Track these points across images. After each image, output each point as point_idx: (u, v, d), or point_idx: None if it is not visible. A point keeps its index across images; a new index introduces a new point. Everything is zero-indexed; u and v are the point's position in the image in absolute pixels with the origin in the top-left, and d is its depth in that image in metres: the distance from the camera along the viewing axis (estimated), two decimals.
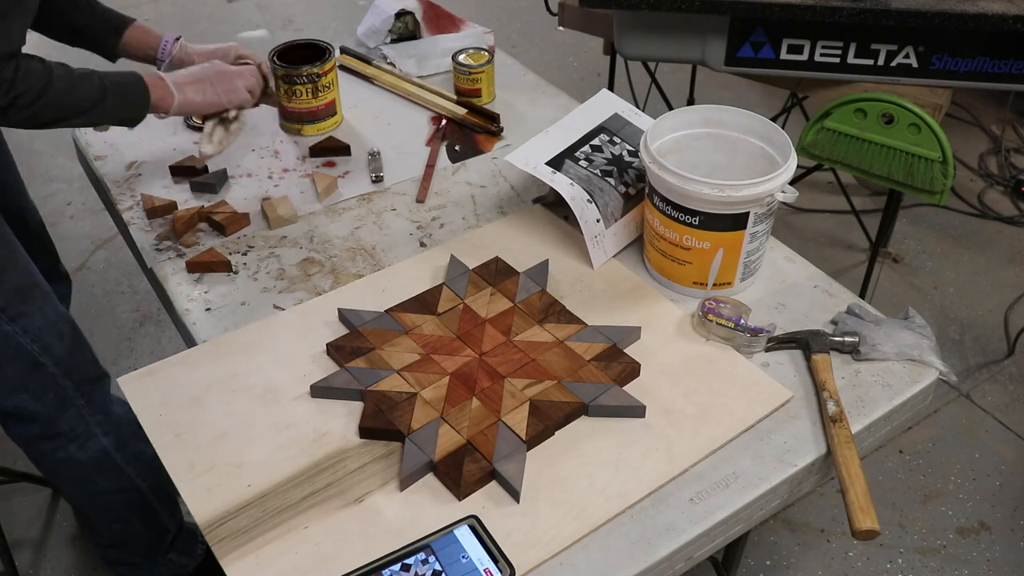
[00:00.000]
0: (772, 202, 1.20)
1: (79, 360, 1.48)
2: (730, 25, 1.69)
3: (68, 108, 1.25)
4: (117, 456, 1.54)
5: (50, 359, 1.41)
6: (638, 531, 0.99)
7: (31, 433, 1.48)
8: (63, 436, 1.48)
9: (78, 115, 1.27)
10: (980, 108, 3.13)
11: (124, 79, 1.33)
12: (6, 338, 1.36)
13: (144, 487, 1.60)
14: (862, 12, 1.58)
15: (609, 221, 1.33)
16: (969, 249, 2.64)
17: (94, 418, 1.50)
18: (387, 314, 1.22)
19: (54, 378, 1.43)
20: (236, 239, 1.41)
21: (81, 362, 1.48)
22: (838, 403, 1.10)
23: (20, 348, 1.38)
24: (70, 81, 1.24)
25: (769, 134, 1.28)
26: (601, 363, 1.15)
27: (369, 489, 1.03)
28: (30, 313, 1.38)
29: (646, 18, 1.71)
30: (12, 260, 1.37)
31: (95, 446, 1.51)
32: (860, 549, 1.86)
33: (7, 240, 1.37)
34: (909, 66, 1.68)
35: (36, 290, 1.40)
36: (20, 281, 1.37)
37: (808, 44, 1.68)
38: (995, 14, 1.54)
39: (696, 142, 1.33)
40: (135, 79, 1.34)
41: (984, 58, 1.64)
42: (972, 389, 2.22)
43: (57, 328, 1.43)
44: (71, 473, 1.54)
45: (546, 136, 1.39)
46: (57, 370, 1.43)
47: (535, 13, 2.91)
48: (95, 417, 1.50)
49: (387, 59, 1.85)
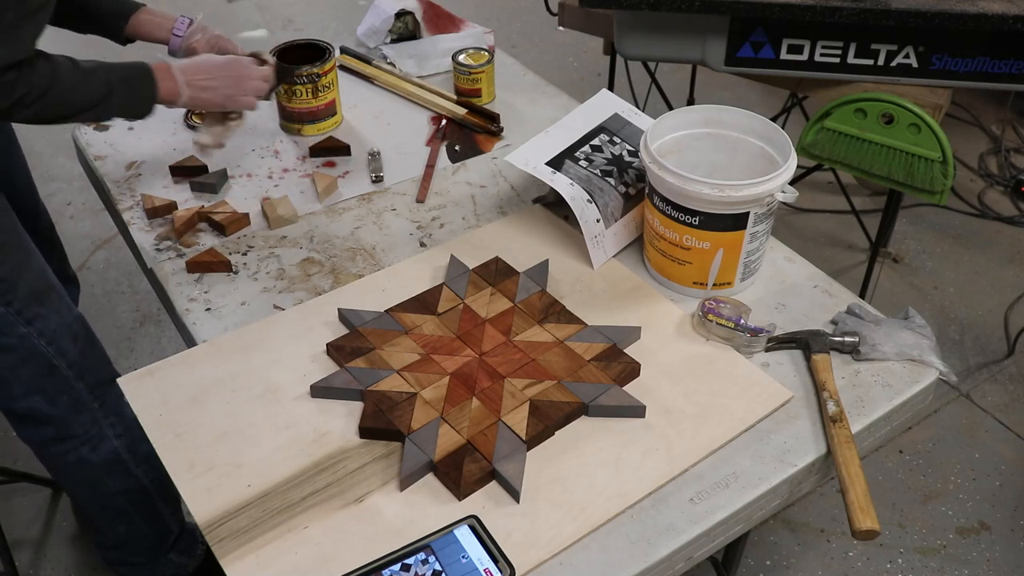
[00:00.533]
0: (772, 202, 1.20)
1: (92, 362, 1.47)
2: (730, 25, 1.69)
3: (73, 106, 1.24)
4: (128, 458, 1.54)
5: (64, 361, 1.41)
6: (638, 531, 0.99)
7: (44, 436, 1.48)
8: (76, 438, 1.48)
9: (84, 111, 1.26)
10: (980, 108, 3.13)
11: (131, 74, 1.30)
12: (22, 340, 1.35)
13: (151, 488, 1.60)
14: (862, 12, 1.58)
15: (609, 221, 1.33)
16: (969, 249, 2.64)
17: (107, 420, 1.50)
18: (387, 314, 1.22)
19: (68, 380, 1.43)
20: (236, 239, 1.41)
21: (95, 364, 1.48)
22: (838, 403, 1.10)
23: (36, 350, 1.37)
24: (75, 78, 1.23)
25: (769, 134, 1.28)
26: (601, 363, 1.15)
27: (369, 489, 1.03)
28: (46, 315, 1.37)
29: (646, 18, 1.71)
30: (28, 262, 1.36)
31: (107, 448, 1.51)
32: (860, 549, 1.86)
33: (23, 242, 1.37)
34: (909, 66, 1.68)
35: (51, 292, 1.39)
36: (36, 283, 1.37)
37: (808, 44, 1.68)
38: (995, 14, 1.54)
39: (696, 142, 1.33)
40: (143, 73, 1.31)
41: (984, 58, 1.64)
42: (972, 389, 2.22)
43: (71, 330, 1.42)
44: (81, 475, 1.53)
45: (546, 136, 1.39)
46: (71, 372, 1.42)
47: (535, 13, 2.91)
48: (108, 419, 1.50)
49: (387, 59, 1.85)
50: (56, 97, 1.20)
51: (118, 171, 1.56)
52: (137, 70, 1.31)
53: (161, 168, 1.56)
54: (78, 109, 1.25)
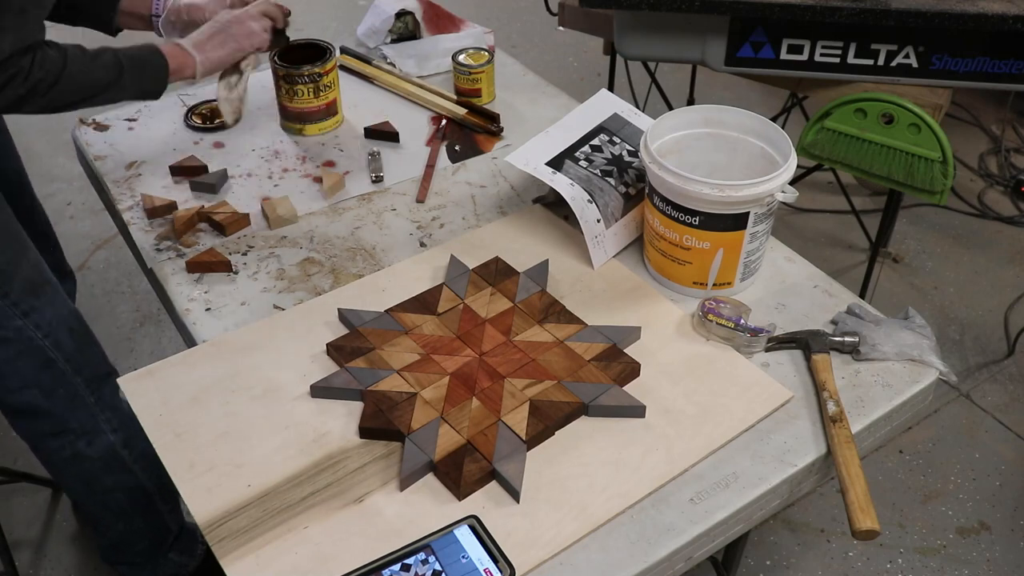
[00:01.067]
0: (772, 202, 1.20)
1: (89, 356, 1.48)
2: (730, 25, 1.69)
3: (86, 89, 1.25)
4: (124, 454, 1.54)
5: (61, 355, 1.41)
6: (638, 531, 0.99)
7: (40, 430, 1.48)
8: (72, 433, 1.48)
9: (96, 95, 1.27)
10: (980, 108, 3.13)
11: (140, 52, 1.32)
12: (18, 332, 1.35)
13: (149, 486, 1.60)
14: (862, 12, 1.58)
15: (609, 221, 1.33)
16: (969, 249, 2.64)
17: (103, 415, 1.50)
18: (387, 314, 1.22)
19: (64, 374, 1.43)
20: (236, 239, 1.41)
21: (91, 358, 1.48)
22: (838, 403, 1.10)
23: (31, 343, 1.37)
24: (85, 62, 1.24)
25: (769, 134, 1.28)
26: (601, 363, 1.15)
27: (369, 489, 1.03)
28: (41, 308, 1.37)
29: (646, 18, 1.71)
30: (23, 255, 1.37)
31: (103, 443, 1.51)
32: (860, 549, 1.86)
33: (18, 235, 1.37)
34: (909, 66, 1.68)
35: (47, 285, 1.39)
36: (31, 276, 1.37)
37: (808, 44, 1.68)
38: (995, 14, 1.54)
39: (696, 142, 1.33)
40: (152, 50, 1.34)
41: (984, 58, 1.64)
42: (972, 389, 2.22)
43: (67, 323, 1.42)
44: (78, 470, 1.53)
45: (546, 136, 1.39)
46: (68, 367, 1.43)
47: (535, 13, 2.91)
48: (104, 414, 1.50)
49: (387, 59, 1.85)
50: (69, 83, 1.21)
51: (118, 171, 1.56)
52: (146, 49, 1.34)
53: (161, 168, 1.55)
54: (91, 92, 1.26)
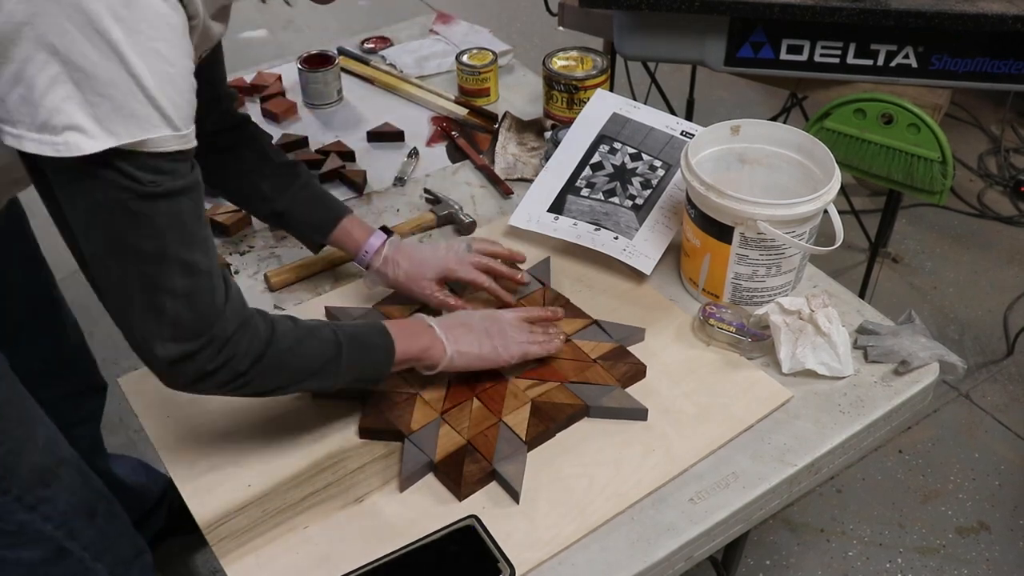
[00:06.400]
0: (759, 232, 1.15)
1: (115, 539, 1.26)
2: (730, 25, 1.68)
3: (292, 371, 0.98)
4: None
5: (78, 544, 1.18)
6: (638, 531, 0.99)
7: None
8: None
9: (304, 379, 0.99)
10: (980, 108, 3.13)
11: (362, 328, 1.04)
12: (22, 527, 1.13)
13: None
14: (862, 12, 1.58)
15: (630, 233, 1.32)
16: (969, 249, 2.64)
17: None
18: (374, 309, 1.23)
19: (83, 562, 1.20)
20: (237, 239, 1.41)
21: (116, 540, 1.26)
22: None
23: (41, 535, 1.14)
24: (295, 337, 0.97)
25: (815, 176, 1.24)
26: (608, 362, 1.15)
27: (369, 489, 1.03)
28: (53, 497, 1.14)
29: (646, 18, 1.71)
30: (30, 438, 1.12)
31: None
32: (860, 549, 1.86)
33: (25, 415, 1.13)
34: (909, 66, 1.67)
35: (61, 467, 1.16)
36: (40, 462, 1.13)
37: (808, 44, 1.68)
38: (995, 14, 1.54)
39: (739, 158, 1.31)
40: (378, 328, 1.05)
41: (984, 58, 1.64)
42: (972, 389, 2.21)
43: (88, 506, 1.20)
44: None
45: (545, 176, 1.40)
46: (87, 554, 1.20)
47: (535, 13, 2.90)
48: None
49: (387, 60, 1.85)
50: (272, 361, 0.94)
51: None
52: (369, 324, 1.06)
53: None
54: (299, 376, 0.99)
